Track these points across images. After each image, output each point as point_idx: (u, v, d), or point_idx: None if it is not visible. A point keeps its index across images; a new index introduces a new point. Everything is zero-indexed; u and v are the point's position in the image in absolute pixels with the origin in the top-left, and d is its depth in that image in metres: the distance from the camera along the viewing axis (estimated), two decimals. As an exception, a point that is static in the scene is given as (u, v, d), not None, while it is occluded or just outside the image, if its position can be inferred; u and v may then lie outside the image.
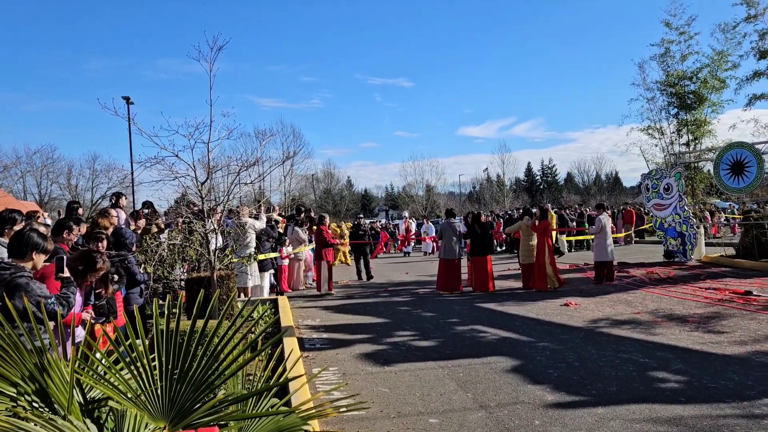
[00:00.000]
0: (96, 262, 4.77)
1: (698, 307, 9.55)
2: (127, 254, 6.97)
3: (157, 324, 2.81)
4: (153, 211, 10.39)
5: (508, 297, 11.83)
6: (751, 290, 10.72)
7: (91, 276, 4.78)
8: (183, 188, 7.67)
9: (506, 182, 67.36)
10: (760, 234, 15.44)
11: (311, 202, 59.44)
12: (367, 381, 6.16)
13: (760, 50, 18.61)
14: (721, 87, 19.60)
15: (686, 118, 20.10)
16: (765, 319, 8.31)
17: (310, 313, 10.80)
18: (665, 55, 20.22)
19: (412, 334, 8.57)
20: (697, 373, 5.85)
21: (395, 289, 14.10)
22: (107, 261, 4.99)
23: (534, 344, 7.52)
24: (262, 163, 9.75)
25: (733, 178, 15.82)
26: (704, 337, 7.42)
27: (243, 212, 10.83)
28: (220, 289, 7.44)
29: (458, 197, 71.14)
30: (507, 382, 5.88)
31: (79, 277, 4.61)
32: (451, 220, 13.64)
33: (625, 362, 6.41)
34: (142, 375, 2.73)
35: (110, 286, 5.42)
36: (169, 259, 9.02)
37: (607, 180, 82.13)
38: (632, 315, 9.18)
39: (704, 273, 14.12)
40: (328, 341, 8.29)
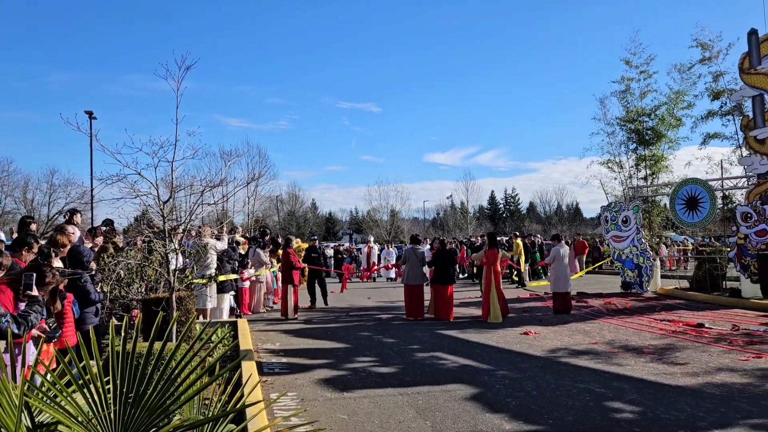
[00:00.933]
0: (45, 275, 4.65)
1: (653, 339, 9.75)
2: (83, 273, 6.80)
3: (112, 345, 2.75)
4: (111, 229, 10.17)
5: (469, 324, 11.88)
6: (703, 323, 11.01)
7: (41, 290, 4.65)
8: (144, 207, 7.55)
9: (470, 210, 68.18)
10: (713, 268, 15.92)
11: (275, 224, 59.05)
12: (326, 407, 6.10)
13: (714, 91, 19.42)
14: (678, 125, 20.33)
15: (644, 154, 20.71)
16: (716, 352, 8.53)
17: (269, 337, 10.66)
18: (626, 92, 20.89)
19: (372, 360, 8.52)
20: (652, 404, 5.96)
21: (357, 314, 14.03)
22: (57, 275, 4.87)
23: (493, 372, 7.56)
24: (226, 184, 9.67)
25: (688, 213, 16.33)
26: (659, 368, 7.57)
27: (205, 232, 10.70)
28: (179, 311, 7.31)
29: (422, 223, 71.52)
30: (466, 411, 5.88)
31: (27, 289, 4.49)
32: (416, 247, 13.66)
33: (582, 392, 6.49)
34: (95, 398, 2.66)
35: (58, 301, 5.27)
36: (127, 278, 8.83)
37: (568, 210, 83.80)
38: (590, 345, 9.32)
39: (659, 305, 14.46)
40: (288, 366, 8.18)
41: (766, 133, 14.48)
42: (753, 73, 14.78)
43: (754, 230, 14.33)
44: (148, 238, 7.63)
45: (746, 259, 14.41)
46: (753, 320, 11.50)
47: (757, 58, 14.74)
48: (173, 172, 6.91)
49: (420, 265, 13.15)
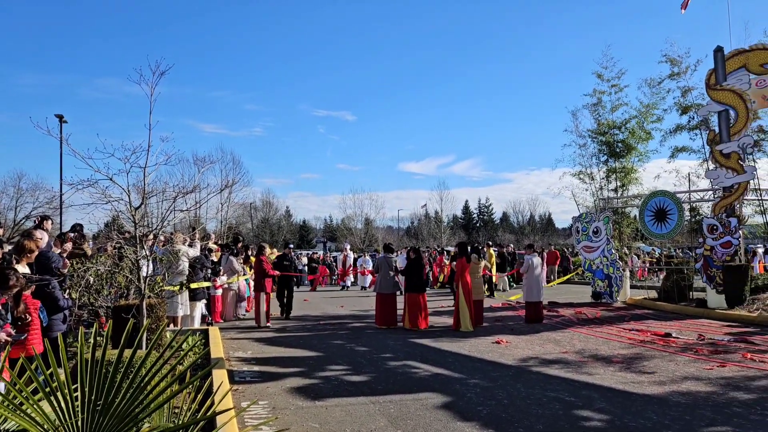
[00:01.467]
0: (9, 279, 4.58)
1: (622, 348, 9.91)
2: (51, 279, 6.68)
3: (81, 353, 2.72)
4: (81, 235, 10.01)
5: (442, 333, 11.94)
6: (670, 332, 11.22)
7: (4, 294, 4.59)
8: (115, 212, 7.46)
9: (444, 219, 68.37)
10: (680, 279, 16.25)
11: (248, 231, 58.59)
12: (297, 416, 6.07)
13: (682, 106, 19.87)
14: (647, 138, 20.73)
15: (615, 166, 21.07)
16: (682, 361, 8.71)
17: (241, 345, 10.57)
18: (597, 105, 21.25)
19: (344, 368, 8.51)
20: (619, 412, 6.05)
21: (330, 322, 14.00)
22: (21, 278, 4.80)
23: (465, 381, 7.61)
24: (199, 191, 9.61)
25: (657, 225, 16.66)
26: (627, 377, 7.69)
27: (177, 239, 10.59)
28: (149, 318, 7.22)
29: (396, 231, 71.63)
30: (437, 419, 5.91)
31: None
32: (388, 255, 13.69)
33: (552, 400, 6.57)
34: (62, 406, 2.62)
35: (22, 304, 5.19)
36: (96, 285, 8.69)
37: (541, 221, 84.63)
38: (560, 354, 9.43)
39: (628, 315, 14.70)
40: (259, 374, 8.13)
41: (731, 148, 14.86)
42: (719, 89, 15.17)
43: (720, 242, 14.69)
44: (118, 245, 7.54)
45: (712, 270, 14.75)
46: (718, 330, 11.77)
47: (722, 74, 15.14)
48: (146, 178, 6.84)
49: (392, 273, 13.18)
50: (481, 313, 13.11)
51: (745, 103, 14.69)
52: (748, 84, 14.80)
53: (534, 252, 14.66)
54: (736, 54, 15.00)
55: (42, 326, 6.04)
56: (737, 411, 6.06)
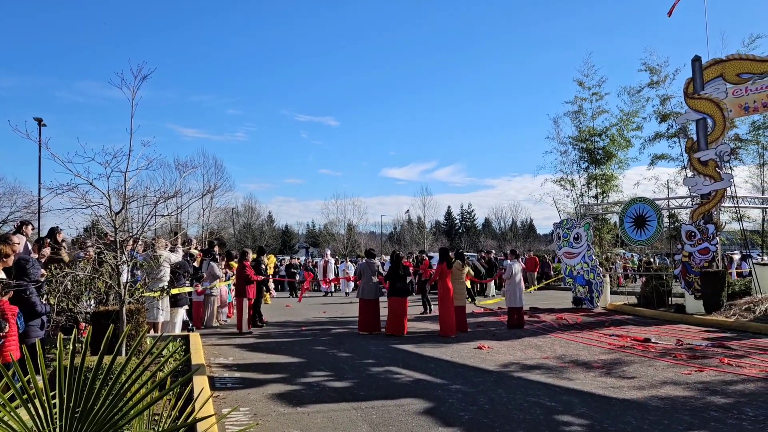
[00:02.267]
0: None
1: (602, 353, 10.00)
2: (28, 284, 6.59)
3: (60, 359, 2.69)
4: (56, 241, 9.86)
5: (424, 339, 11.96)
6: (650, 338, 11.35)
7: None
8: (95, 217, 7.38)
9: (426, 225, 68.61)
10: (659, 284, 16.44)
11: (230, 236, 58.19)
12: (279, 422, 6.04)
13: (661, 114, 20.21)
14: (627, 146, 21.04)
15: (595, 173, 21.34)
16: (661, 366, 8.81)
17: (222, 351, 10.50)
18: (578, 113, 21.51)
19: (326, 374, 8.49)
20: (599, 417, 6.11)
21: (312, 328, 13.95)
22: None
23: (447, 386, 7.63)
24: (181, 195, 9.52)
25: (636, 231, 16.85)
26: (607, 382, 7.77)
27: (158, 244, 10.49)
28: (129, 324, 7.15)
29: (379, 237, 71.69)
30: (419, 425, 5.92)
31: None
32: (371, 261, 13.67)
33: (533, 405, 6.61)
34: (40, 413, 2.59)
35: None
36: (75, 291, 8.58)
37: (523, 227, 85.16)
38: (541, 359, 9.49)
39: (609, 320, 14.84)
40: (240, 380, 8.08)
41: (709, 156, 15.10)
42: (697, 98, 15.42)
43: (698, 248, 14.90)
44: (98, 250, 7.46)
45: (690, 276, 14.95)
46: (696, 335, 11.92)
47: (700, 83, 15.40)
48: (126, 182, 6.79)
49: (374, 279, 13.17)
50: (464, 319, 13.14)
51: (722, 111, 14.95)
52: (725, 93, 15.07)
53: (517, 258, 14.74)
54: (714, 64, 15.27)
55: (19, 332, 5.96)
56: (714, 415, 6.15)
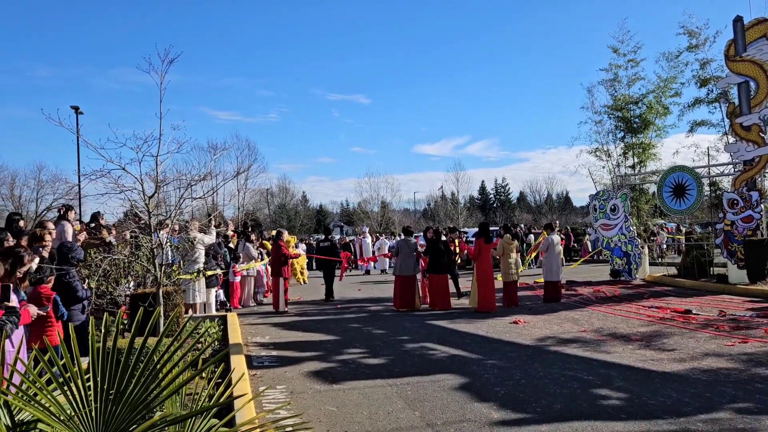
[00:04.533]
0: (22, 257, 4.69)
1: (641, 326, 9.82)
2: (70, 269, 6.75)
3: (93, 342, 2.73)
4: (98, 225, 10.09)
5: (459, 315, 11.92)
6: (690, 309, 11.10)
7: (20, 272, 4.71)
8: (130, 202, 7.50)
9: (460, 200, 68.07)
10: (700, 255, 16.04)
11: (265, 217, 58.88)
12: (315, 399, 6.10)
13: (701, 78, 19.52)
14: (665, 113, 20.41)
15: (632, 142, 20.80)
16: (703, 338, 8.61)
17: (259, 330, 10.65)
18: (613, 81, 20.93)
19: (361, 351, 8.54)
20: (638, 390, 6.00)
21: (347, 306, 14.05)
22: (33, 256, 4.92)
23: (482, 362, 7.59)
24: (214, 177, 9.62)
25: (676, 201, 16.43)
26: (646, 355, 7.63)
27: (192, 226, 10.64)
28: (166, 306, 7.28)
29: (413, 214, 71.55)
30: (454, 400, 5.91)
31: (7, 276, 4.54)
32: (408, 238, 13.60)
33: (569, 380, 6.53)
34: (76, 396, 2.64)
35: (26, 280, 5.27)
36: (114, 274, 8.78)
37: (558, 200, 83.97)
38: (578, 333, 9.37)
39: (648, 292, 14.57)
40: (277, 359, 8.18)
41: (752, 120, 14.56)
42: (738, 60, 14.84)
43: (741, 216, 14.46)
44: (134, 233, 7.59)
45: (733, 245, 14.53)
46: (739, 306, 11.61)
47: (742, 45, 14.80)
48: (158, 166, 6.86)
49: (412, 256, 13.13)
50: (514, 294, 13.02)
51: (765, 73, 14.36)
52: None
53: (554, 231, 14.48)
54: (756, 24, 14.64)
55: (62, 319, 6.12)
56: (759, 387, 5.98)
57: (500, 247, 13.24)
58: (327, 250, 16.13)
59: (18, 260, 4.71)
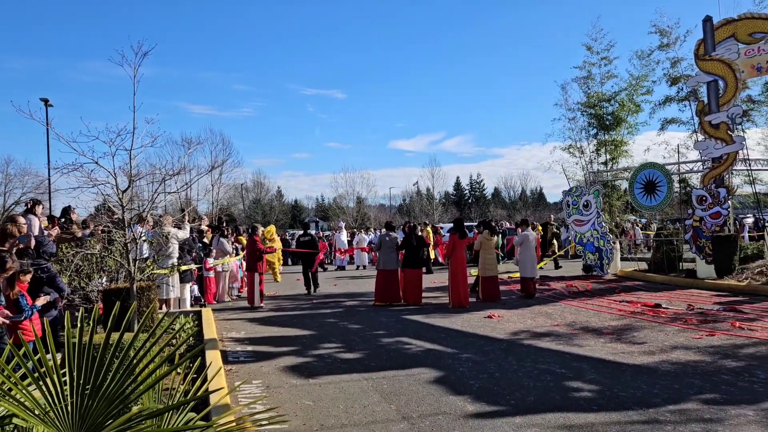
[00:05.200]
0: (5, 261, 4.60)
1: (612, 320, 10.01)
2: (48, 264, 6.66)
3: (68, 337, 2.72)
4: (69, 219, 9.94)
5: (435, 309, 12.00)
6: (660, 303, 11.34)
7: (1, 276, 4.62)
8: (103, 196, 7.41)
9: (436, 195, 68.42)
10: (670, 250, 16.37)
11: (240, 212, 58.46)
12: (291, 394, 6.12)
13: (672, 77, 19.85)
14: (637, 110, 20.69)
15: (605, 139, 21.06)
16: (672, 331, 8.81)
17: (234, 326, 10.60)
18: (587, 78, 21.13)
19: (337, 346, 8.56)
20: (609, 383, 6.13)
21: (323, 301, 14.05)
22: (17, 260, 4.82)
23: (457, 356, 7.67)
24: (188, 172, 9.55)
25: (646, 197, 16.72)
26: (617, 348, 7.78)
27: (166, 221, 10.54)
28: (140, 301, 7.21)
29: (389, 209, 71.68)
30: (430, 393, 5.97)
31: None
32: (389, 233, 13.65)
33: (543, 373, 6.64)
34: (51, 391, 2.62)
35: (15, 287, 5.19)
36: (87, 269, 8.66)
37: (532, 195, 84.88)
38: (551, 327, 9.51)
39: (619, 286, 14.83)
40: (253, 354, 8.17)
41: (720, 118, 14.88)
42: (708, 60, 15.14)
43: (709, 213, 14.79)
44: (107, 228, 7.50)
45: (701, 241, 14.86)
46: (707, 300, 11.90)
47: (711, 44, 15.11)
48: (132, 160, 6.79)
49: (394, 250, 13.18)
50: (494, 290, 13.09)
51: (734, 72, 14.69)
52: (736, 54, 14.78)
53: (529, 227, 14.62)
54: (725, 24, 14.96)
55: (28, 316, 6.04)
56: (725, 378, 6.15)
57: (478, 242, 13.36)
58: (307, 244, 16.38)
59: (1, 263, 4.62)
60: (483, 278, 13.16)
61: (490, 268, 13.09)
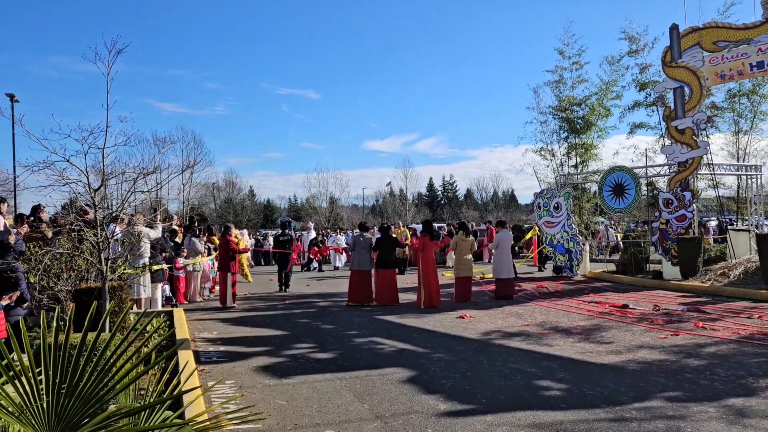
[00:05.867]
0: None
1: (581, 320, 10.21)
2: (14, 263, 6.56)
3: (44, 337, 2.72)
4: (39, 218, 9.78)
5: (407, 310, 12.09)
6: (627, 304, 11.59)
7: None
8: (74, 194, 7.31)
9: (409, 196, 68.62)
10: (637, 252, 16.72)
11: (211, 212, 57.83)
12: (264, 394, 6.13)
13: (640, 82, 20.29)
14: (607, 114, 21.11)
15: (575, 142, 21.43)
16: (638, 331, 9.03)
17: (207, 326, 10.55)
18: (558, 82, 21.48)
19: (310, 346, 8.59)
20: (578, 381, 6.27)
21: (296, 301, 14.04)
22: None
23: (429, 355, 7.76)
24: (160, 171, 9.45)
25: (615, 199, 17.06)
26: (585, 348, 7.95)
27: (138, 221, 10.43)
28: (112, 301, 7.15)
29: (361, 210, 71.65)
30: (402, 393, 6.04)
31: None
32: (363, 233, 13.70)
33: (513, 372, 6.76)
34: (27, 389, 2.62)
35: None
36: (55, 269, 8.54)
37: (504, 197, 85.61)
38: (522, 327, 9.67)
39: (588, 287, 15.11)
40: (225, 354, 8.15)
41: (686, 124, 15.26)
42: (674, 66, 15.52)
43: (675, 215, 15.15)
44: (77, 227, 7.41)
45: (667, 243, 15.23)
46: (672, 300, 12.21)
47: (678, 52, 15.48)
48: (105, 159, 6.72)
49: (367, 251, 13.23)
50: (469, 290, 13.21)
51: (698, 80, 15.07)
52: (702, 61, 15.17)
53: (505, 228, 14.76)
54: (691, 32, 15.34)
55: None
56: (688, 377, 6.35)
57: (453, 242, 13.49)
58: (285, 243, 17.28)
59: None
60: (457, 278, 13.26)
61: (465, 269, 13.20)
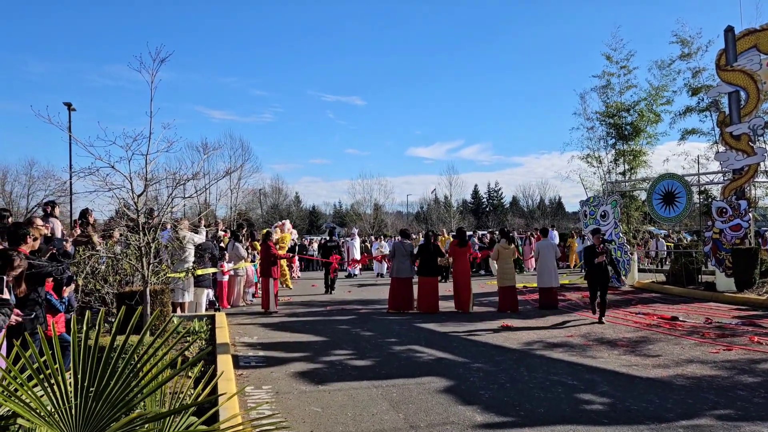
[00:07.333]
0: (13, 260, 4.68)
1: (628, 332, 9.89)
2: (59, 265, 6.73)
3: (74, 341, 2.75)
4: (87, 222, 10.06)
5: (448, 318, 11.95)
6: (677, 316, 11.18)
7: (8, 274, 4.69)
8: (120, 200, 7.49)
9: (453, 203, 68.15)
10: (688, 262, 16.14)
11: (258, 217, 58.76)
12: (300, 400, 6.12)
13: (692, 87, 19.64)
14: (657, 120, 20.48)
15: (623, 149, 20.87)
16: (688, 345, 8.68)
17: (248, 330, 10.65)
18: (606, 87, 20.97)
19: (349, 353, 8.56)
20: (621, 396, 6.05)
21: (336, 307, 14.05)
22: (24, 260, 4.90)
23: (468, 365, 7.62)
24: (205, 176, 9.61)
25: (665, 208, 16.53)
26: (631, 361, 7.68)
27: (182, 225, 10.62)
28: (154, 304, 7.27)
29: (406, 217, 71.58)
30: (439, 403, 5.93)
31: None
32: (404, 240, 13.65)
33: (554, 384, 6.57)
34: (56, 392, 2.65)
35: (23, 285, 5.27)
36: (103, 272, 8.76)
37: (551, 205, 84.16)
38: (565, 338, 9.42)
39: (636, 298, 14.66)
40: (264, 359, 8.19)
41: (741, 129, 14.68)
42: (729, 70, 14.96)
43: (729, 225, 14.57)
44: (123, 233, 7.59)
45: (721, 253, 14.64)
46: (726, 313, 11.70)
47: (733, 55, 14.92)
48: (147, 165, 6.86)
49: (408, 258, 13.16)
50: (512, 299, 12.91)
51: (756, 83, 14.49)
52: (759, 64, 14.58)
53: (548, 236, 14.45)
54: (747, 34, 14.77)
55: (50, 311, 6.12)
56: (741, 394, 6.04)
57: (495, 251, 13.31)
58: (332, 249, 18.76)
59: (8, 262, 4.69)
60: (500, 288, 13.05)
61: (508, 278, 12.99)
